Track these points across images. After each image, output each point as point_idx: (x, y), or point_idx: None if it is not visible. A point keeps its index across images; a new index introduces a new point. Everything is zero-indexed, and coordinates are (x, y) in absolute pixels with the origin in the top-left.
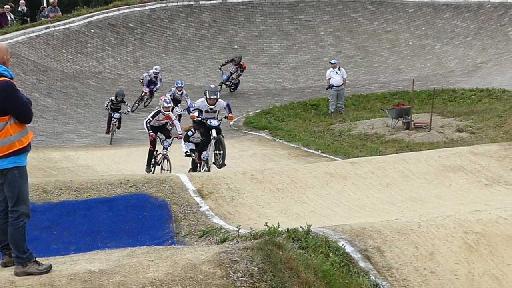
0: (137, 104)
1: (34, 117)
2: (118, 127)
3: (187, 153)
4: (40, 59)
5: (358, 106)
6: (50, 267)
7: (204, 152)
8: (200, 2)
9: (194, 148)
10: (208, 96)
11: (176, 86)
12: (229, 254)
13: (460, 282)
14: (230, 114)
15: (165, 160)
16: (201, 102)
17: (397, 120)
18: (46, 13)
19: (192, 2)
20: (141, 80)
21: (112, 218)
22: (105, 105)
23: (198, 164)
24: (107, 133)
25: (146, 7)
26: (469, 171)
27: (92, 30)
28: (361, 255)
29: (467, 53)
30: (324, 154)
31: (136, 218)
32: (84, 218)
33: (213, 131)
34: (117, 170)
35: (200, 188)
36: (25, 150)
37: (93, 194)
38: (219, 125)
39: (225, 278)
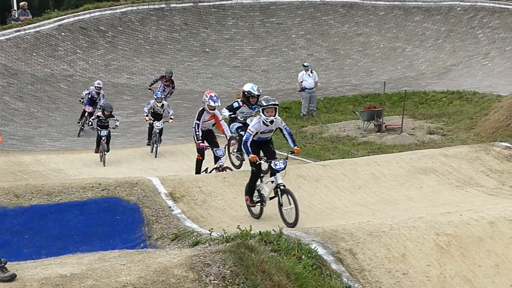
0: (82, 127)
1: (5, 120)
2: (107, 149)
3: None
4: (11, 62)
5: (330, 108)
6: (13, 277)
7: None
8: (171, 5)
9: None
10: (265, 104)
11: (156, 97)
12: (202, 257)
13: (432, 283)
14: (296, 147)
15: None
16: (256, 124)
17: (369, 123)
18: (16, 16)
19: (163, 5)
20: (81, 100)
21: (84, 221)
22: (89, 124)
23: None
24: (96, 152)
25: (117, 10)
26: (440, 173)
27: (63, 33)
28: (334, 258)
29: (438, 56)
30: (296, 157)
31: (108, 222)
32: (56, 222)
33: (278, 176)
34: (88, 174)
35: (172, 191)
36: None
37: (64, 197)
38: (285, 167)
39: (197, 282)
